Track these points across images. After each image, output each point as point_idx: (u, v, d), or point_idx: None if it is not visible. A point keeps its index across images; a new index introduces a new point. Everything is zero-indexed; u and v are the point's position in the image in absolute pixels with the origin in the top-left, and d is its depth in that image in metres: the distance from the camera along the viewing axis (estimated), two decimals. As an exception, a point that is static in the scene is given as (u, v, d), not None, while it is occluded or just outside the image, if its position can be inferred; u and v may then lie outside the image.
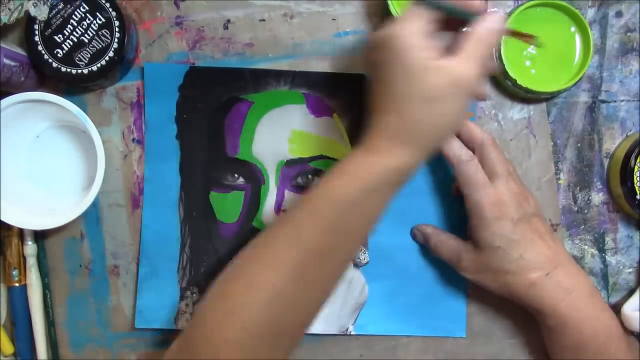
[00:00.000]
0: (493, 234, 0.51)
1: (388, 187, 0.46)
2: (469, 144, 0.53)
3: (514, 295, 0.52)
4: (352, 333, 0.59)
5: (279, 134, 0.58)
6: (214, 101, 0.58)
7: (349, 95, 0.58)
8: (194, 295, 0.59)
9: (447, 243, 0.55)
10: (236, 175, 0.58)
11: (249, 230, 0.58)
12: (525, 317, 0.57)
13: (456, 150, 0.52)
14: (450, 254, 0.55)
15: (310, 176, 0.58)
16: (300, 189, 0.58)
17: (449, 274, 0.58)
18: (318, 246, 0.45)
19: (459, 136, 0.54)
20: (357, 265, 0.59)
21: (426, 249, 0.58)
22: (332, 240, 0.45)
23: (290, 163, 0.58)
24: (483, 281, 0.53)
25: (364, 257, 0.59)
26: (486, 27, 0.45)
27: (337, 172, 0.46)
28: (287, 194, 0.58)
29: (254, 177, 0.58)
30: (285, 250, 0.45)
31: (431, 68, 0.44)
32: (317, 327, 0.59)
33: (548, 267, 0.51)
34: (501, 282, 0.52)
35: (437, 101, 0.44)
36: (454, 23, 0.48)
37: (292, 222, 0.46)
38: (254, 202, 0.58)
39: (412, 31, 0.44)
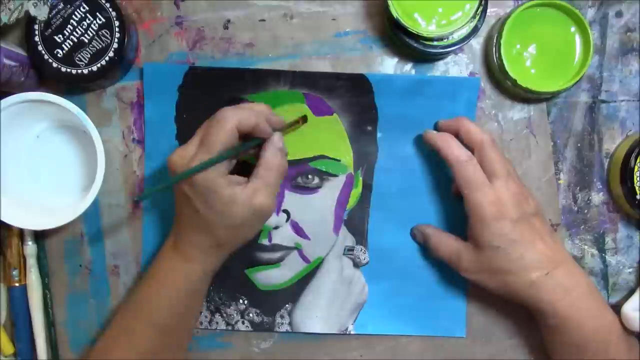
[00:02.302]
0: (493, 234, 0.51)
1: (204, 286, 0.54)
2: (468, 144, 0.53)
3: (513, 295, 0.52)
4: (352, 333, 0.59)
5: None
6: (214, 101, 0.58)
7: (349, 95, 0.58)
8: None
9: (447, 243, 0.55)
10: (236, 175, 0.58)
11: None
12: (525, 317, 0.57)
13: (455, 150, 0.52)
14: (449, 254, 0.55)
15: (310, 176, 0.58)
16: (301, 188, 0.58)
17: (448, 274, 0.58)
18: (151, 348, 0.52)
19: (458, 136, 0.54)
20: (357, 265, 0.59)
21: (426, 249, 0.58)
22: (163, 339, 0.52)
23: (290, 163, 0.58)
24: (483, 281, 0.53)
25: (364, 257, 0.59)
26: (271, 153, 0.51)
27: (161, 279, 0.53)
28: (287, 194, 0.58)
29: None
30: (124, 357, 0.52)
31: (233, 203, 0.49)
32: (317, 326, 0.59)
33: (548, 266, 0.51)
34: (501, 282, 0.52)
35: (240, 227, 0.51)
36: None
37: (125, 330, 0.53)
38: None
39: (214, 176, 0.49)
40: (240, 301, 0.59)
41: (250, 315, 0.59)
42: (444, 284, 0.59)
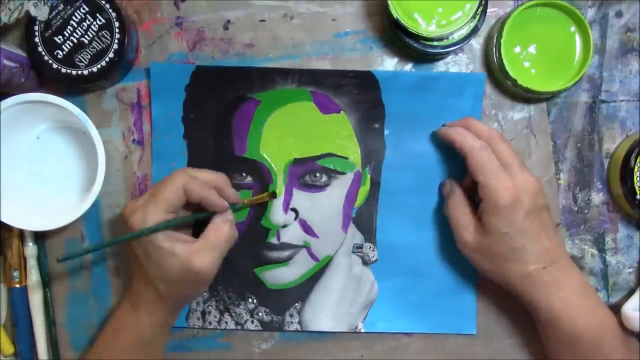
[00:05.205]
0: (503, 220, 0.51)
1: (157, 338, 0.54)
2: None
3: (506, 282, 0.53)
4: (362, 331, 0.59)
5: (286, 132, 0.58)
6: (221, 100, 0.58)
7: (356, 93, 0.58)
8: (204, 293, 0.59)
9: (463, 210, 0.55)
10: (244, 174, 0.58)
11: (257, 229, 0.58)
12: (525, 317, 0.57)
13: (470, 140, 0.52)
14: (459, 220, 0.54)
15: (318, 174, 0.58)
16: (309, 187, 0.58)
17: (458, 270, 0.58)
18: None
19: None
20: (366, 263, 0.59)
21: (435, 246, 0.58)
22: None
23: (298, 161, 0.58)
24: (478, 261, 0.54)
25: (372, 254, 0.59)
26: (220, 220, 0.52)
27: (114, 329, 0.54)
28: (295, 192, 0.58)
29: (262, 176, 0.58)
30: None
31: (171, 256, 0.50)
32: (327, 324, 0.59)
33: (547, 261, 0.51)
34: (498, 268, 0.52)
35: (177, 284, 0.51)
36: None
37: None
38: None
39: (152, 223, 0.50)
40: (250, 300, 0.59)
41: (260, 314, 0.59)
42: (454, 280, 0.59)
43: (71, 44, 0.54)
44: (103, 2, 0.54)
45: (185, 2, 0.58)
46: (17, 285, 0.58)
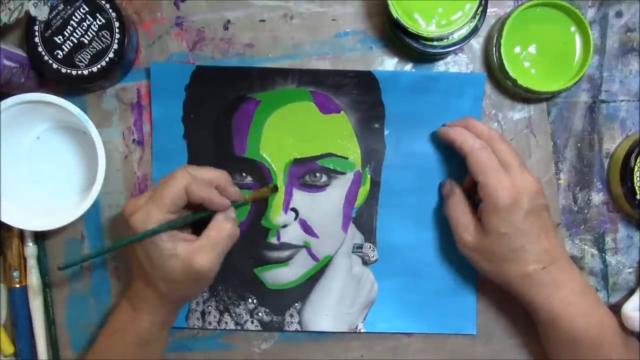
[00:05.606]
0: (503, 221, 0.51)
1: (155, 337, 0.54)
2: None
3: (506, 282, 0.53)
4: (362, 331, 0.59)
5: (286, 132, 0.58)
6: (221, 100, 0.58)
7: (356, 93, 0.58)
8: (204, 293, 0.59)
9: (463, 210, 0.55)
10: (244, 174, 0.58)
11: (257, 229, 0.58)
12: (525, 317, 0.57)
13: (469, 140, 0.53)
14: (459, 220, 0.54)
15: (318, 174, 0.58)
16: (309, 187, 0.58)
17: (458, 270, 0.58)
18: None
19: None
20: (366, 263, 0.59)
21: (435, 246, 0.58)
22: None
23: (298, 161, 0.58)
24: (479, 262, 0.54)
25: (372, 254, 0.59)
26: (222, 217, 0.52)
27: (114, 328, 0.54)
28: (295, 192, 0.58)
29: (262, 176, 0.58)
30: None
31: (172, 257, 0.50)
32: (327, 324, 0.59)
33: (546, 261, 0.51)
34: (497, 268, 0.52)
35: (179, 284, 0.51)
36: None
37: None
38: (262, 201, 0.58)
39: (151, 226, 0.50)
40: (249, 300, 0.59)
41: (260, 314, 0.59)
42: (454, 280, 0.59)
43: (71, 44, 0.54)
44: (103, 2, 0.54)
45: (185, 2, 0.58)
46: (17, 285, 0.58)
